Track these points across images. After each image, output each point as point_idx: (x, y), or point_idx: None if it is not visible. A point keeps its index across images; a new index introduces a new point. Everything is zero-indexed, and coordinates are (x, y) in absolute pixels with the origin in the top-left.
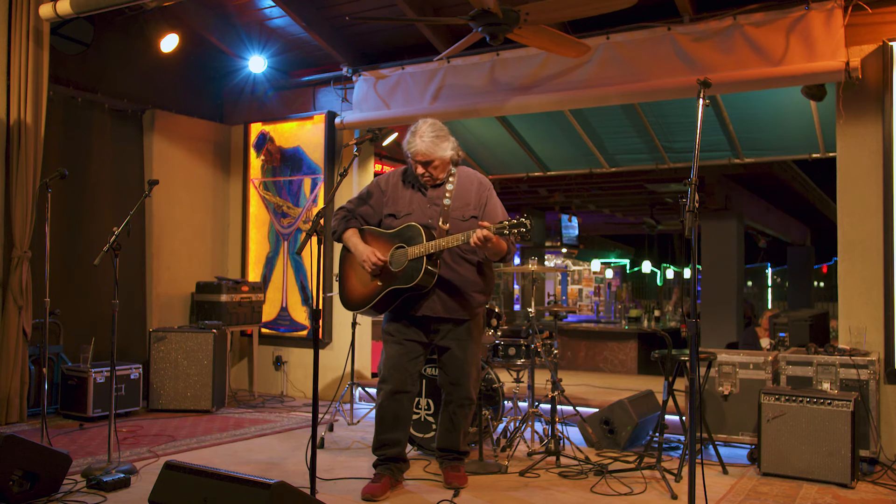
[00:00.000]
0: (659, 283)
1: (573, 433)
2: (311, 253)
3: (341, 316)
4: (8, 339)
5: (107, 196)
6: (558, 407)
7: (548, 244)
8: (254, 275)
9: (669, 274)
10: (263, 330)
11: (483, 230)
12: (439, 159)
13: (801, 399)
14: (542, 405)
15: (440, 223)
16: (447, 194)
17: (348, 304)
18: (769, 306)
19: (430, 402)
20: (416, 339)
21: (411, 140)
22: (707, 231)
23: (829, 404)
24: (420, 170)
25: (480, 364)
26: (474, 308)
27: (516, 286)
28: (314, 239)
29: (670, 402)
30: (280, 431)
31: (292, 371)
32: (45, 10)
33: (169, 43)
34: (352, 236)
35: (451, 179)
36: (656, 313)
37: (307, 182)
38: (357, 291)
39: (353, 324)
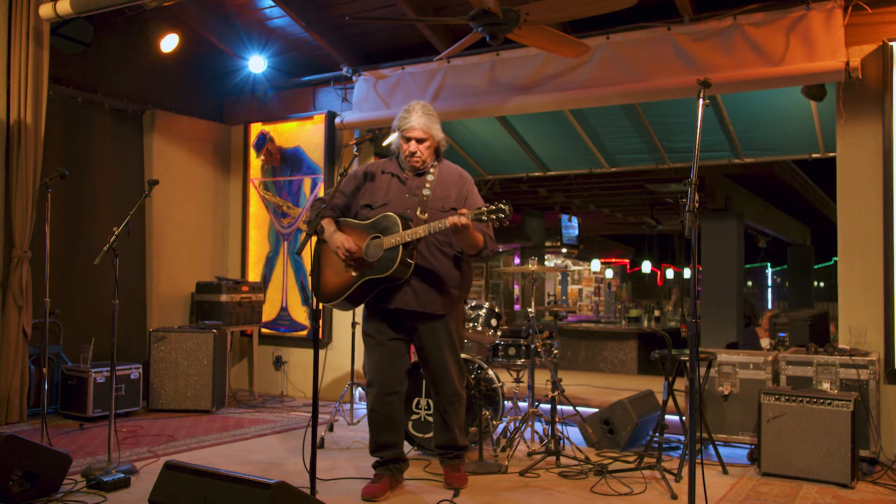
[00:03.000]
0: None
1: (573, 433)
2: (310, 253)
3: (341, 316)
4: (8, 339)
5: (107, 196)
6: (558, 407)
7: (548, 244)
8: (254, 275)
9: (669, 274)
10: (263, 330)
11: (461, 217)
12: (433, 138)
13: (801, 399)
14: (542, 405)
15: (418, 213)
16: (427, 185)
17: (322, 295)
18: (769, 306)
19: (430, 402)
20: (397, 336)
21: (406, 117)
22: (707, 231)
23: (829, 404)
24: (413, 146)
25: (461, 359)
26: (450, 304)
27: (516, 286)
28: (314, 239)
29: (670, 402)
30: (280, 431)
31: (292, 371)
32: (45, 10)
33: (169, 43)
34: (327, 226)
35: (432, 170)
36: (656, 313)
37: (307, 182)
38: (332, 282)
39: (353, 324)
